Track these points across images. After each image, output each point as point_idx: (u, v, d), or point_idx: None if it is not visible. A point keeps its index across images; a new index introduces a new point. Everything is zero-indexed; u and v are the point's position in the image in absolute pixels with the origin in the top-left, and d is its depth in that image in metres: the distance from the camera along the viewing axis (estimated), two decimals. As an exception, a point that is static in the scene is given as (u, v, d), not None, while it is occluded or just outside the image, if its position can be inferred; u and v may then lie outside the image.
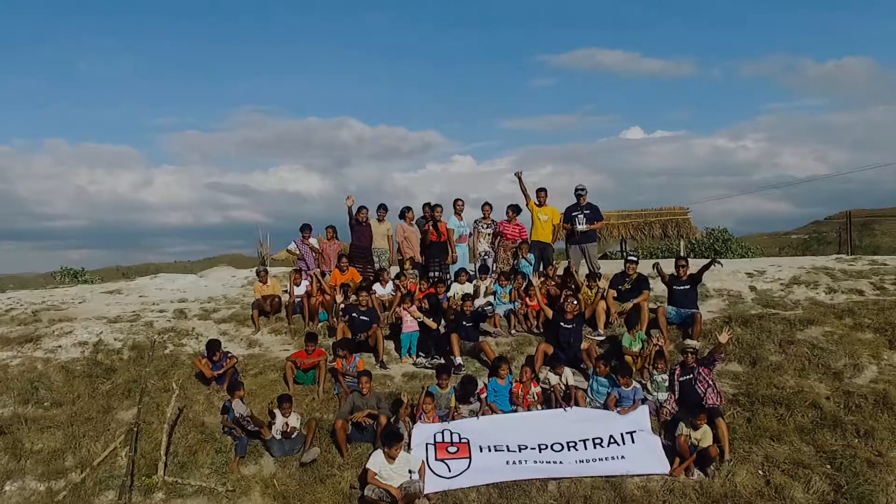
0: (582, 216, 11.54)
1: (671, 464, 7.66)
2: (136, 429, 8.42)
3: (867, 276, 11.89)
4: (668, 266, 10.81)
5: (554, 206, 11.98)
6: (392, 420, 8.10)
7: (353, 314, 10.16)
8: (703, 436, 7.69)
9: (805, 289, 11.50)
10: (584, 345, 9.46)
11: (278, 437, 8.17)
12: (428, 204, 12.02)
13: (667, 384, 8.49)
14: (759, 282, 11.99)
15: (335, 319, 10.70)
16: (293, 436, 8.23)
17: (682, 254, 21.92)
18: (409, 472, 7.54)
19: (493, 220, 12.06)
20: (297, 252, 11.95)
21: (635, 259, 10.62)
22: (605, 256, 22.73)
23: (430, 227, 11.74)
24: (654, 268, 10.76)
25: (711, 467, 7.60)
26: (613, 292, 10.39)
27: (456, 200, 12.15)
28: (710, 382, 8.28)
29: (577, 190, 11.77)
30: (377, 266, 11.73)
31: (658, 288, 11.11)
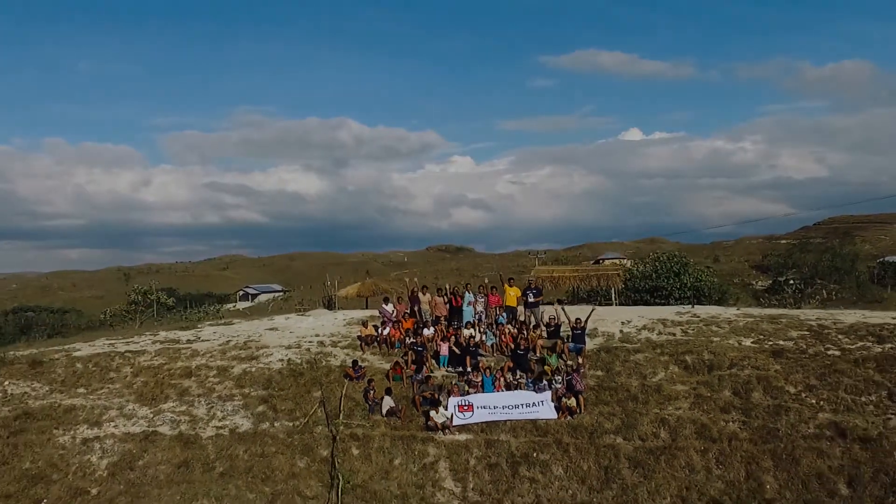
0: (531, 294, 22.11)
1: (558, 414, 18.16)
2: (323, 400, 19.01)
3: (683, 325, 22.39)
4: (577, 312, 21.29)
5: (517, 287, 22.58)
6: (440, 395, 18.61)
7: (415, 347, 20.67)
8: (572, 402, 18.22)
9: (647, 332, 21.99)
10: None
11: (392, 405, 18.61)
12: (450, 287, 22.62)
13: (560, 380, 19.03)
14: (626, 327, 22.48)
15: (404, 348, 21.23)
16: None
17: (612, 295, 32.60)
18: (445, 417, 18.05)
19: (484, 294, 22.59)
20: (382, 314, 22.62)
21: (554, 318, 21.17)
22: (560, 301, 33.20)
23: (452, 298, 22.29)
24: (559, 305, 21.31)
25: (575, 415, 18.10)
26: (545, 334, 20.96)
27: (467, 284, 22.78)
28: (579, 380, 18.78)
29: (528, 280, 22.33)
30: (424, 319, 22.28)
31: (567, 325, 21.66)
